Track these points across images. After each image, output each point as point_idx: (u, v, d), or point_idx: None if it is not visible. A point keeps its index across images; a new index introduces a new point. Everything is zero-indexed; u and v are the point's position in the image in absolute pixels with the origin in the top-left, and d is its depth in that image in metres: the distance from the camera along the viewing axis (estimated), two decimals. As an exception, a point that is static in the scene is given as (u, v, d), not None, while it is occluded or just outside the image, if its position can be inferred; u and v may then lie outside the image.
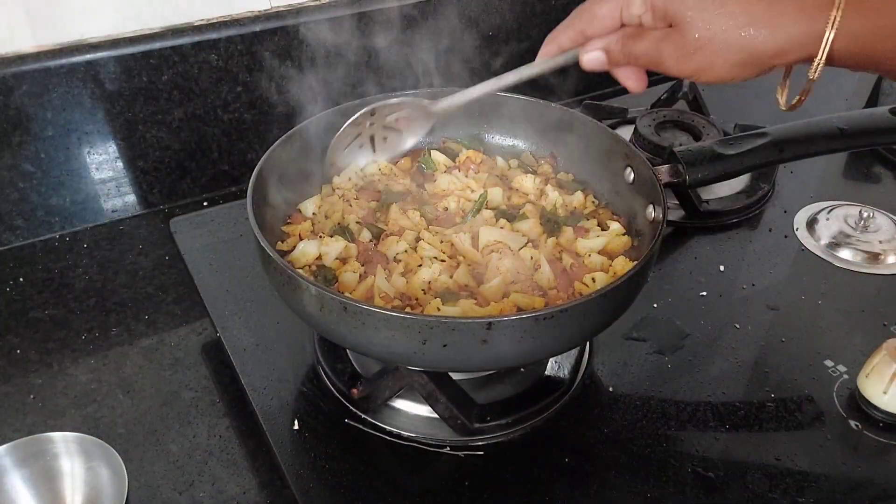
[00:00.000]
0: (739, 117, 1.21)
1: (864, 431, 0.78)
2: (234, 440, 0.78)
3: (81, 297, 0.95)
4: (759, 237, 1.05)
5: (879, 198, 1.11)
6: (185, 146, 1.09)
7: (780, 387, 0.82)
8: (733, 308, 0.92)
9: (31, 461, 0.69)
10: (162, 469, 0.75)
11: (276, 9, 1.08)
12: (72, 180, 1.04)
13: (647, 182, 0.82)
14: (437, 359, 0.66)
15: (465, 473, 0.73)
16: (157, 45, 1.01)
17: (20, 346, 0.88)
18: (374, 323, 0.64)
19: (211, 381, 0.84)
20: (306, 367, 0.83)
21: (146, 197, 1.10)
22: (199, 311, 0.92)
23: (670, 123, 1.18)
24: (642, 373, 0.84)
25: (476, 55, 1.24)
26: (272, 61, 1.09)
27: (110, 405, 0.81)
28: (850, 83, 1.43)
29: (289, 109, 1.14)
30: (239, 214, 1.05)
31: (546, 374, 0.81)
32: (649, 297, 0.93)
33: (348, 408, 0.78)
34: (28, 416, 0.80)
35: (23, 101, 0.96)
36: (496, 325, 0.63)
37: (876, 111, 0.96)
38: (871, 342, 0.82)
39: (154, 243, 1.04)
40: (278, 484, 0.73)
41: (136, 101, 1.03)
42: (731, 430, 0.78)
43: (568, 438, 0.76)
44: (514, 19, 1.26)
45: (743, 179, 1.12)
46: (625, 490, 0.72)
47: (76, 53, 0.97)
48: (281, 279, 0.69)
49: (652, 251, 0.71)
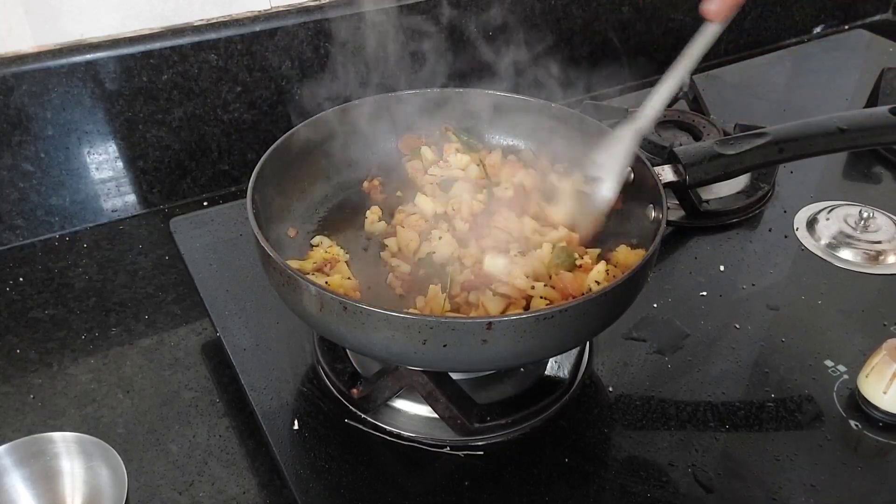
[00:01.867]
0: (740, 117, 1.21)
1: (864, 431, 0.78)
2: (233, 440, 0.78)
3: (81, 297, 0.95)
4: (759, 237, 1.05)
5: (879, 198, 1.11)
6: (185, 146, 1.09)
7: (780, 387, 0.82)
8: (733, 308, 0.92)
9: (31, 461, 0.69)
10: (162, 469, 0.75)
11: (276, 9, 1.08)
12: (72, 180, 1.04)
13: (647, 182, 0.82)
14: (437, 359, 0.66)
15: (465, 473, 0.73)
16: (157, 45, 1.01)
17: (20, 346, 0.88)
18: (374, 323, 0.64)
19: (211, 381, 0.84)
20: (306, 367, 0.83)
21: (146, 197, 1.10)
22: (199, 311, 0.92)
23: (671, 123, 1.18)
24: (642, 373, 0.83)
25: (474, 55, 1.24)
26: (272, 61, 1.09)
27: (110, 405, 0.81)
28: (850, 83, 1.43)
29: (288, 109, 1.14)
30: (239, 214, 1.05)
31: (546, 374, 0.81)
32: (649, 297, 0.93)
33: (348, 408, 0.78)
34: (28, 416, 0.80)
35: (23, 101, 0.96)
36: (496, 325, 0.63)
37: (876, 111, 0.96)
38: (871, 342, 0.82)
39: (154, 243, 1.04)
40: (278, 484, 0.73)
41: (136, 101, 1.03)
42: (731, 430, 0.78)
43: (568, 438, 0.76)
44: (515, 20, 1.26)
45: (743, 179, 1.12)
46: (624, 490, 0.72)
47: (76, 53, 0.97)
48: (281, 279, 0.69)
49: (652, 251, 0.71)
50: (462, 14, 1.20)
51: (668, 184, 0.88)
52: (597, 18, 1.35)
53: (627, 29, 1.40)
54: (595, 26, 1.35)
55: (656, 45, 1.46)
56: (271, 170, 0.82)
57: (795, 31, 1.66)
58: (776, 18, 1.60)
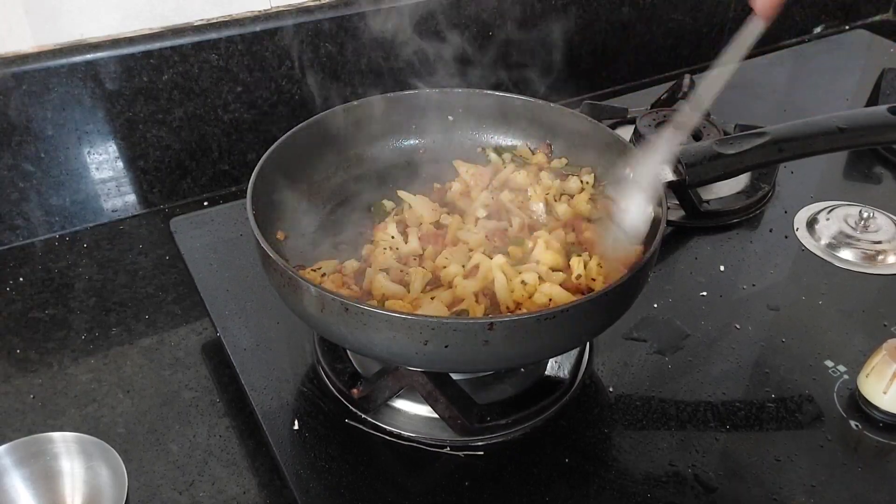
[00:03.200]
0: (740, 117, 1.21)
1: (864, 431, 0.78)
2: (233, 440, 0.78)
3: (81, 297, 0.95)
4: (759, 237, 1.05)
5: (879, 198, 1.11)
6: (186, 146, 1.09)
7: (780, 387, 0.82)
8: (733, 308, 0.92)
9: (31, 461, 0.69)
10: (162, 469, 0.75)
11: (276, 9, 1.08)
12: (72, 180, 1.04)
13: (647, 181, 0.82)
14: (439, 359, 0.66)
15: (465, 473, 0.73)
16: (157, 44, 1.01)
17: (20, 346, 0.88)
18: (375, 324, 0.64)
19: (211, 381, 0.84)
20: (306, 366, 0.83)
21: (146, 197, 1.10)
22: (199, 311, 0.92)
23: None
24: (642, 373, 0.83)
25: (476, 57, 1.24)
26: (272, 61, 1.09)
27: (110, 405, 0.81)
28: (850, 83, 1.43)
29: (289, 109, 1.14)
30: (239, 214, 1.05)
31: (546, 374, 0.81)
32: (649, 297, 0.93)
33: (348, 408, 0.78)
34: (28, 416, 0.80)
35: (23, 101, 0.96)
36: (498, 325, 0.63)
37: (875, 110, 0.95)
38: (871, 342, 0.82)
39: (154, 243, 1.04)
40: (278, 484, 0.73)
41: (136, 101, 1.03)
42: (732, 431, 0.78)
43: (568, 438, 0.76)
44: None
45: (743, 179, 1.12)
46: (625, 490, 0.72)
47: (76, 53, 0.97)
48: (281, 280, 0.69)
49: (652, 251, 0.71)
50: (462, 14, 1.20)
51: (667, 183, 0.88)
52: (597, 18, 1.35)
53: (627, 29, 1.40)
54: (595, 26, 1.35)
55: (656, 45, 1.46)
56: (271, 170, 0.82)
57: (796, 31, 1.66)
58: (776, 18, 1.60)
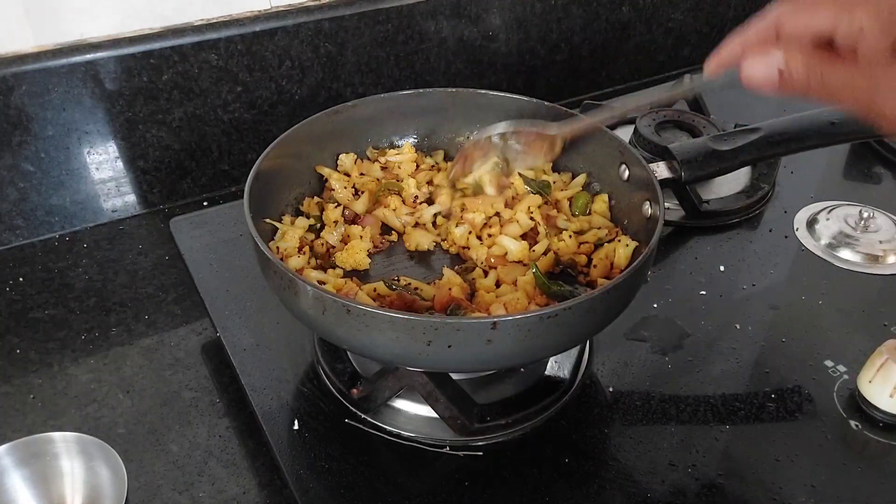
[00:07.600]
0: (739, 117, 1.21)
1: (864, 431, 0.78)
2: (233, 440, 0.78)
3: (81, 297, 0.95)
4: (759, 237, 1.05)
5: (879, 198, 1.11)
6: (186, 146, 1.09)
7: (780, 386, 0.82)
8: (733, 308, 0.92)
9: (31, 461, 0.69)
10: (162, 469, 0.75)
11: (276, 9, 1.08)
12: (72, 180, 1.04)
13: (643, 179, 0.82)
14: (442, 360, 0.66)
15: (465, 473, 0.73)
16: (157, 44, 1.01)
17: (20, 346, 0.88)
18: (378, 325, 0.63)
19: (211, 381, 0.84)
20: (306, 366, 0.83)
21: (146, 197, 1.10)
22: (199, 311, 0.92)
23: (670, 123, 1.18)
24: (642, 373, 0.83)
25: (475, 56, 1.24)
26: (272, 61, 1.09)
27: (110, 405, 0.81)
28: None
29: (289, 109, 1.14)
30: (239, 214, 1.03)
31: (546, 374, 0.81)
32: (649, 297, 0.93)
33: (348, 408, 0.78)
34: (28, 416, 0.80)
35: (23, 101, 0.96)
36: (501, 324, 0.63)
37: (869, 105, 0.96)
38: (871, 342, 0.82)
39: (154, 243, 1.04)
40: (278, 484, 0.73)
41: (136, 101, 1.03)
42: (732, 430, 0.78)
43: (568, 438, 0.76)
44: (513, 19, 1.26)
45: (743, 179, 1.12)
46: (625, 490, 0.72)
47: (76, 53, 0.97)
48: (281, 283, 0.69)
49: (651, 249, 0.71)
50: (461, 14, 1.20)
51: (663, 180, 0.88)
52: (597, 18, 1.35)
53: (627, 29, 1.40)
54: (595, 26, 1.35)
55: (656, 45, 1.46)
56: (268, 171, 0.82)
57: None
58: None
